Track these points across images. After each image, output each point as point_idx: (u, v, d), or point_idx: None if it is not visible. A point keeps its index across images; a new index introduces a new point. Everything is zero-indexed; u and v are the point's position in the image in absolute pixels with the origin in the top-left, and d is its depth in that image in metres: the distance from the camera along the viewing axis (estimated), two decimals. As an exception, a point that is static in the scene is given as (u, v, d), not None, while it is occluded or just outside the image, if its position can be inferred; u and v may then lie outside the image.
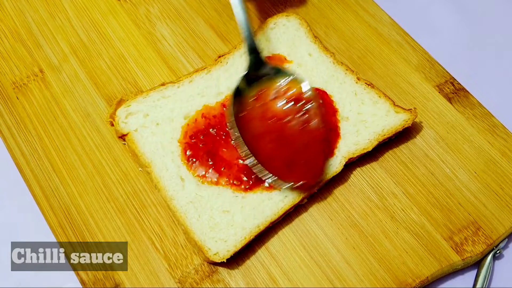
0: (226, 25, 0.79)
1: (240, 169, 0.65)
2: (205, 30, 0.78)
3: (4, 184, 0.69)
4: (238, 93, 0.67)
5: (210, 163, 0.65)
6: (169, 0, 0.80)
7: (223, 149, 0.66)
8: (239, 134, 0.64)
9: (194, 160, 0.65)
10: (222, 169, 0.65)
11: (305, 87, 0.67)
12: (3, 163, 0.69)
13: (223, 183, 0.64)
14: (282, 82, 0.68)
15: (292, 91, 0.67)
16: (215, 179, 0.64)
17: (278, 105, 0.66)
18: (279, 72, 0.68)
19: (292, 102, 0.66)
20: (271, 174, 0.63)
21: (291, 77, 0.68)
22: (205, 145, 0.66)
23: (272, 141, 0.65)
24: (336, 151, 0.66)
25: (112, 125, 0.68)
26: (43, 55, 0.75)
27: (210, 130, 0.67)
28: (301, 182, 0.63)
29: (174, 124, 0.68)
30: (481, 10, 0.84)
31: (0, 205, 0.68)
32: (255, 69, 0.68)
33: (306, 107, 0.66)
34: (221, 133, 0.67)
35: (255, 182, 0.64)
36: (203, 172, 0.65)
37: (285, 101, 0.66)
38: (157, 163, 0.65)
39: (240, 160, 0.65)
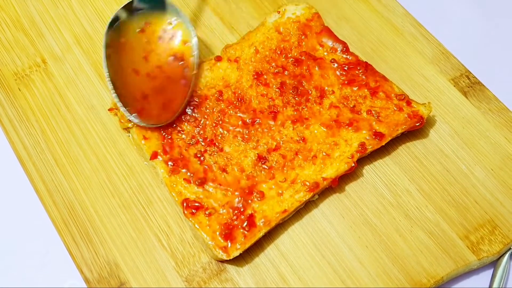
0: (233, 14, 0.76)
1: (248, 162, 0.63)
2: (211, 19, 0.76)
3: (6, 179, 0.67)
4: (115, 21, 0.67)
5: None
6: (175, -11, 0.78)
7: (230, 143, 0.64)
8: (106, 65, 0.64)
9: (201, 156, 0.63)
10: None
11: (193, 37, 0.68)
12: (5, 157, 0.67)
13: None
14: (170, 21, 0.69)
15: (177, 36, 0.68)
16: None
17: (159, 45, 0.68)
18: (167, 8, 0.69)
19: (173, 51, 0.68)
20: (127, 109, 0.63)
21: (180, 19, 0.69)
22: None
23: (140, 78, 0.66)
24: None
25: (116, 115, 0.66)
26: (46, 45, 0.73)
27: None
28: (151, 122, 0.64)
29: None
30: (498, 1, 0.82)
31: (2, 201, 0.66)
32: None
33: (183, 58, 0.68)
34: (230, 128, 0.65)
35: (265, 176, 0.62)
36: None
37: (167, 45, 0.68)
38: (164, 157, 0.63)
39: (250, 152, 0.63)
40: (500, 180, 0.65)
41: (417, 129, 0.66)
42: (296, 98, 0.67)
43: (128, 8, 0.68)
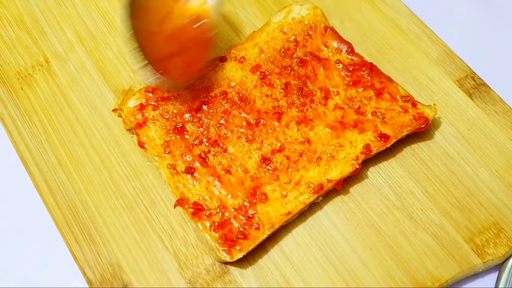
0: (238, 15, 0.76)
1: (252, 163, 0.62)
2: (216, 20, 0.76)
3: (9, 179, 0.67)
4: None
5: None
6: (179, -12, 0.78)
7: (234, 144, 0.64)
8: (131, 26, 0.61)
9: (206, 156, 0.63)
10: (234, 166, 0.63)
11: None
12: (7, 157, 0.67)
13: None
14: None
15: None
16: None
17: (177, 7, 0.65)
18: None
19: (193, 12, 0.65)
20: (157, 72, 0.62)
21: None
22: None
23: (158, 41, 0.64)
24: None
25: (120, 116, 0.66)
26: (49, 44, 0.73)
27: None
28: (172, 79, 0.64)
29: (184, 117, 0.65)
30: (504, 1, 0.81)
31: (5, 201, 0.66)
32: None
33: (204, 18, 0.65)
34: (234, 128, 0.64)
35: (269, 177, 0.62)
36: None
37: (184, 7, 0.65)
38: (167, 157, 0.63)
39: (254, 153, 0.63)
40: (505, 182, 0.65)
41: (422, 130, 0.66)
42: (301, 99, 0.66)
43: None
